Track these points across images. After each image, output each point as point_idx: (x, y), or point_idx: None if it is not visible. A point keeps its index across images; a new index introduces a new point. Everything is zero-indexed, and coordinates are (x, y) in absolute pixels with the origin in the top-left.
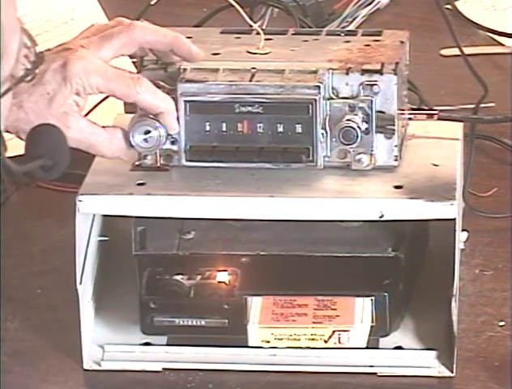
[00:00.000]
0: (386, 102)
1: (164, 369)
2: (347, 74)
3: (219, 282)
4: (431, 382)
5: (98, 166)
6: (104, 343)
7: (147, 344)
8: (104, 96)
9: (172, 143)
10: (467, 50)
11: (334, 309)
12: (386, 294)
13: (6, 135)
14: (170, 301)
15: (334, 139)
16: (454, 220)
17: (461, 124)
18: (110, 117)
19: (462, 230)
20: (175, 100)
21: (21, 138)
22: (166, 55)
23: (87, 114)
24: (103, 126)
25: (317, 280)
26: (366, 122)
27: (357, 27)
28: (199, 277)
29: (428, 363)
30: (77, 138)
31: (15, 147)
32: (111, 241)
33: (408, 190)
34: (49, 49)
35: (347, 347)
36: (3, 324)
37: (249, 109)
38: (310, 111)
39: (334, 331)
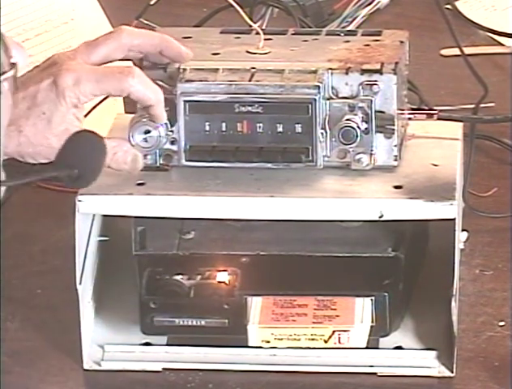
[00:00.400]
0: (386, 102)
1: (164, 369)
2: (346, 73)
3: (219, 282)
4: (431, 382)
5: None
6: (104, 343)
7: (147, 344)
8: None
9: (172, 142)
10: (467, 50)
11: (334, 309)
12: (386, 294)
13: None
14: (170, 301)
15: (333, 139)
16: (454, 220)
17: (461, 124)
18: (110, 117)
19: (462, 230)
20: (175, 100)
21: (27, 163)
22: (159, 59)
23: (86, 115)
24: (108, 138)
25: (317, 280)
26: (366, 122)
27: (357, 27)
28: (199, 277)
29: (428, 363)
30: None
31: None
32: (111, 241)
33: (408, 190)
34: (37, 66)
35: (347, 347)
36: (3, 324)
37: (249, 108)
38: (310, 111)
39: (334, 331)
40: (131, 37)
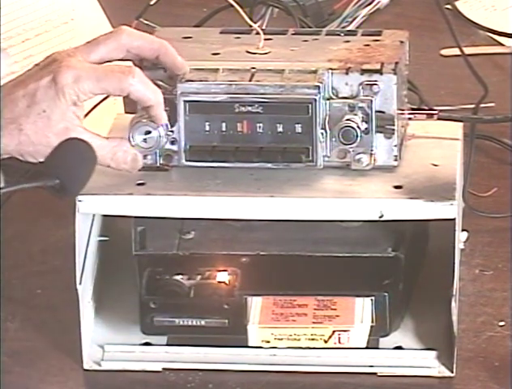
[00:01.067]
0: (386, 102)
1: (164, 369)
2: (346, 73)
3: (219, 282)
4: (431, 382)
5: (98, 166)
6: (104, 343)
7: (147, 344)
8: (103, 96)
9: (172, 143)
10: (467, 50)
11: (334, 309)
12: (386, 294)
13: None
14: (170, 301)
15: (333, 139)
16: (454, 220)
17: (461, 124)
18: (110, 117)
19: (462, 230)
20: (175, 100)
21: (28, 162)
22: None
23: (86, 115)
24: (108, 137)
25: (317, 280)
26: (366, 122)
27: (357, 27)
28: (199, 277)
29: (428, 363)
30: None
31: None
32: (111, 241)
33: (408, 190)
34: (37, 64)
35: (347, 347)
36: (3, 324)
37: (249, 108)
38: (310, 111)
39: (334, 331)
40: (131, 38)
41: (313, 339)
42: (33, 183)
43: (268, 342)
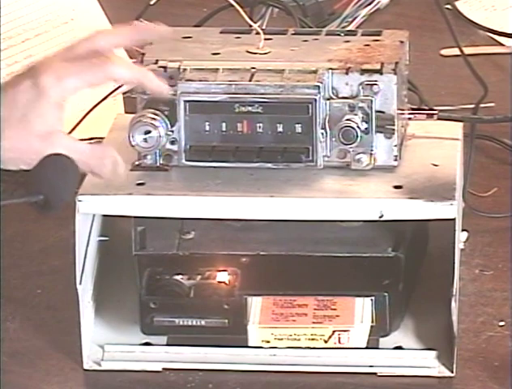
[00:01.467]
0: (386, 102)
1: (164, 369)
2: (346, 73)
3: (219, 282)
4: (431, 382)
5: None
6: (104, 343)
7: (147, 344)
8: (103, 96)
9: (172, 142)
10: (467, 50)
11: (334, 309)
12: (386, 294)
13: None
14: (170, 301)
15: (333, 139)
16: (454, 219)
17: (461, 124)
18: (110, 117)
19: (462, 230)
20: (175, 100)
21: (20, 170)
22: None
23: (86, 115)
24: (91, 143)
25: (317, 280)
26: (366, 122)
27: (357, 27)
28: (199, 277)
29: (428, 363)
30: None
31: None
32: (111, 241)
33: (408, 189)
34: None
35: (347, 347)
36: (3, 324)
37: (249, 108)
38: (310, 111)
39: (334, 331)
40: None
41: (313, 339)
42: (16, 199)
43: (268, 342)
